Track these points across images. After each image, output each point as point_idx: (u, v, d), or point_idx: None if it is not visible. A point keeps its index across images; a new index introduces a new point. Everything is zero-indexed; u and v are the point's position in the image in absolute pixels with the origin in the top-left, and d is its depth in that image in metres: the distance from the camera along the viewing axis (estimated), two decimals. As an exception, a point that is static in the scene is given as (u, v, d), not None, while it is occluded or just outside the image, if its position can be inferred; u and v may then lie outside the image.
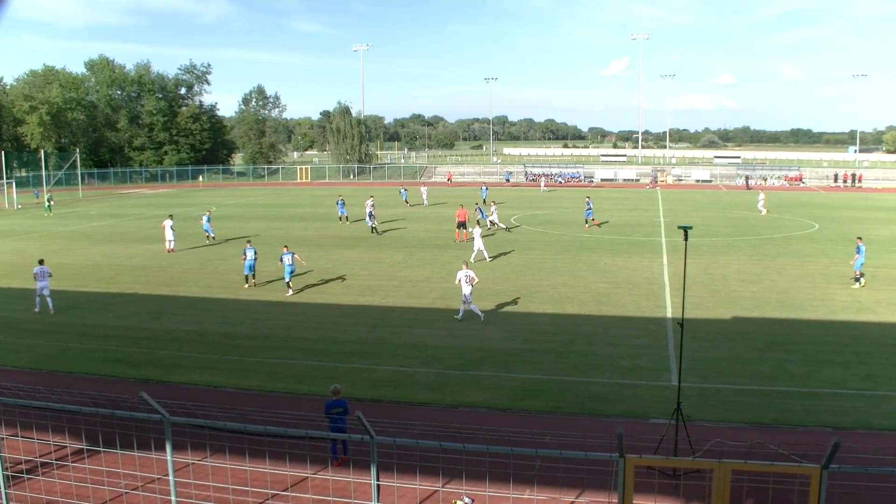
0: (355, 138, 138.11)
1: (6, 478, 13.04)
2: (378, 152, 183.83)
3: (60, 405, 12.55)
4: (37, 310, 31.44)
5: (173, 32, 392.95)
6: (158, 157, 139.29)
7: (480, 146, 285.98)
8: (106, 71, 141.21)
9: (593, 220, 57.33)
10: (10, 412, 14.85)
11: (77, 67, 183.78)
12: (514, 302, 31.85)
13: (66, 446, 16.41)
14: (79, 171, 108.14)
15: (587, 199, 59.75)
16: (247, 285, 36.05)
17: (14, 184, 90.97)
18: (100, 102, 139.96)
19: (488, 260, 41.66)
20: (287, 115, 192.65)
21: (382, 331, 27.59)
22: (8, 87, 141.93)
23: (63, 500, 14.30)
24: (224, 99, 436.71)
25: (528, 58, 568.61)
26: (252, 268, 35.92)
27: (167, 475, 12.16)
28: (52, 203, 77.94)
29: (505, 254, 43.58)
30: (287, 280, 34.78)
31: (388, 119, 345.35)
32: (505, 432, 15.51)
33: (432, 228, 56.59)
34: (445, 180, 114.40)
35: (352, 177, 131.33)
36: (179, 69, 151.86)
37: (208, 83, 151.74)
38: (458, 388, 21.38)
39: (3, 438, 13.01)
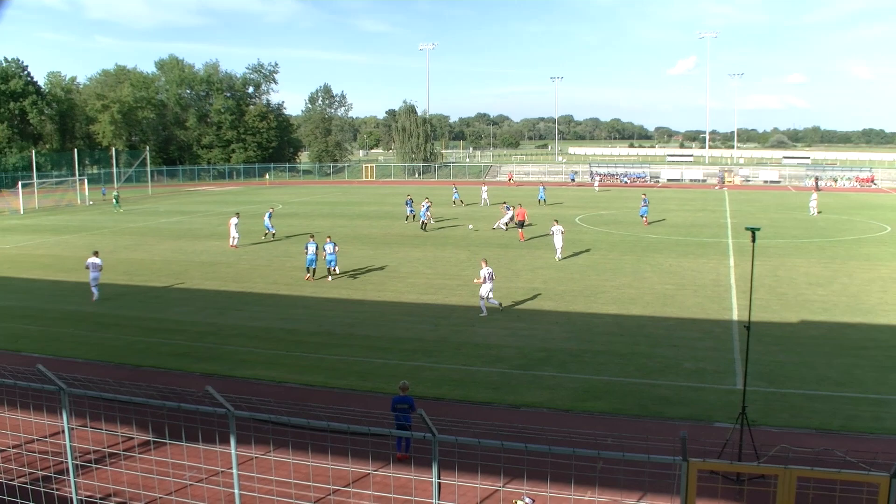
0: (420, 137, 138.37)
1: (75, 467, 13.33)
2: (443, 151, 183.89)
3: (128, 397, 12.82)
4: (94, 299, 33.02)
5: (241, 32, 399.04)
6: (226, 154, 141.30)
7: (546, 145, 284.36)
8: (175, 70, 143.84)
9: (644, 218, 58.55)
10: (80, 403, 15.19)
11: (147, 67, 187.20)
12: (578, 302, 31.65)
13: (133, 437, 16.76)
14: (148, 169, 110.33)
15: (643, 197, 60.93)
16: (308, 276, 37.29)
17: (86, 181, 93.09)
18: (169, 101, 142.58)
19: (558, 259, 41.70)
20: (353, 113, 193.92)
21: (445, 329, 27.63)
22: (81, 86, 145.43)
23: (130, 490, 14.58)
24: (291, 98, 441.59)
25: (594, 57, 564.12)
26: (313, 262, 37.14)
27: (231, 468, 12.30)
28: (119, 199, 79.75)
29: (570, 255, 43.27)
30: (329, 268, 37.49)
31: (454, 118, 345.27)
32: (567, 433, 15.43)
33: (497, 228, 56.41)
34: (507, 180, 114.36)
35: (417, 175, 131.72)
36: (247, 68, 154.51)
37: (275, 82, 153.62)
38: (520, 388, 21.31)
39: (72, 429, 13.29)
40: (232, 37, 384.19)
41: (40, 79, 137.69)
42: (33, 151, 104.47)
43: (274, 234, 52.05)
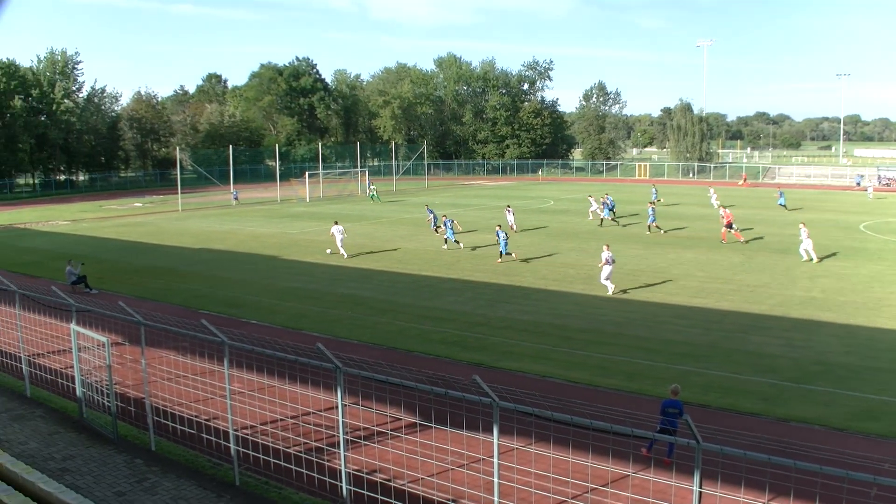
0: (696, 136, 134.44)
1: (346, 442, 14.03)
2: (719, 151, 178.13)
3: (399, 380, 13.28)
4: (328, 251, 43.82)
5: (517, 30, 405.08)
6: (500, 150, 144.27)
7: (829, 147, 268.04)
8: (453, 68, 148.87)
9: None
10: (354, 382, 15.93)
11: (427, 64, 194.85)
12: (861, 315, 29.46)
13: (400, 419, 17.42)
14: (425, 162, 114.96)
15: None
16: (500, 260, 41.81)
17: (367, 172, 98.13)
18: (447, 97, 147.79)
19: (813, 261, 40.43)
20: (627, 111, 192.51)
21: (716, 334, 26.67)
22: (364, 83, 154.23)
23: (394, 469, 15.18)
24: (565, 94, 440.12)
25: (885, 52, 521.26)
26: (505, 245, 42.23)
27: (492, 457, 12.47)
28: (376, 193, 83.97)
29: (850, 263, 40.50)
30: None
31: (731, 117, 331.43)
32: (839, 454, 14.43)
33: (775, 231, 53.75)
34: (740, 182, 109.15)
35: (691, 175, 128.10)
36: (522, 66, 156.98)
37: (550, 79, 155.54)
38: (792, 402, 20.14)
39: (345, 405, 13.99)
40: (508, 34, 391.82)
41: (327, 76, 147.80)
42: (319, 144, 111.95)
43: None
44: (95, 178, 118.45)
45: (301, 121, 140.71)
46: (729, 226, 49.16)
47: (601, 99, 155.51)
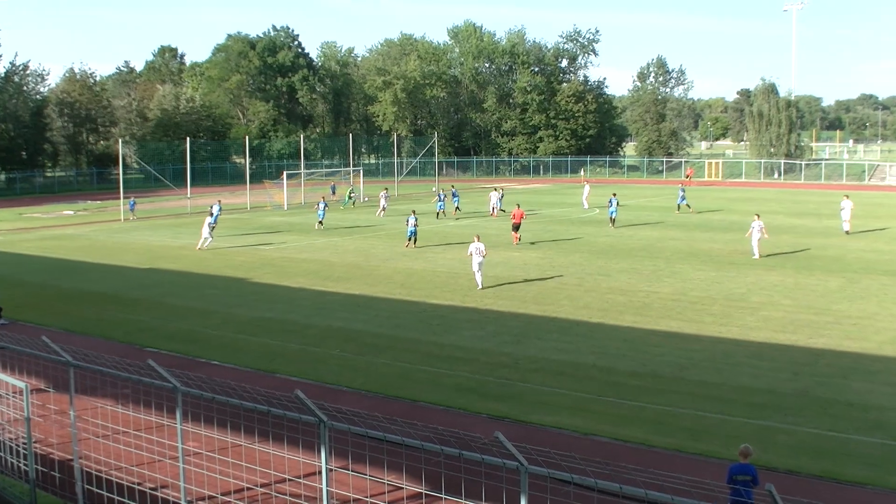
0: (782, 125, 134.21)
1: (332, 516, 13.92)
2: (812, 144, 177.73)
3: (400, 438, 13.17)
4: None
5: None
6: (531, 144, 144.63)
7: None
8: (472, 39, 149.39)
9: None
10: (342, 440, 15.84)
11: (439, 36, 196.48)
12: None
13: (402, 487, 17.26)
14: (436, 160, 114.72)
15: None
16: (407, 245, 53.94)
17: (361, 172, 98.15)
18: (464, 77, 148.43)
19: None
20: (693, 94, 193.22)
21: (807, 380, 26.42)
22: (359, 59, 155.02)
23: (395, 554, 15.06)
24: (614, 74, 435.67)
25: None
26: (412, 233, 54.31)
27: (519, 536, 12.35)
28: (354, 197, 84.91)
29: None
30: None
31: (828, 101, 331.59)
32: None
33: (881, 248, 53.53)
34: (685, 177, 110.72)
35: (776, 175, 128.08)
36: (560, 37, 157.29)
37: (595, 53, 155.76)
38: (909, 468, 19.97)
39: (331, 470, 13.88)
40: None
41: (312, 51, 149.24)
42: (301, 136, 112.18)
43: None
44: (14, 177, 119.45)
45: (278, 107, 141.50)
46: (516, 227, 54.42)
47: (660, 79, 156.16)
